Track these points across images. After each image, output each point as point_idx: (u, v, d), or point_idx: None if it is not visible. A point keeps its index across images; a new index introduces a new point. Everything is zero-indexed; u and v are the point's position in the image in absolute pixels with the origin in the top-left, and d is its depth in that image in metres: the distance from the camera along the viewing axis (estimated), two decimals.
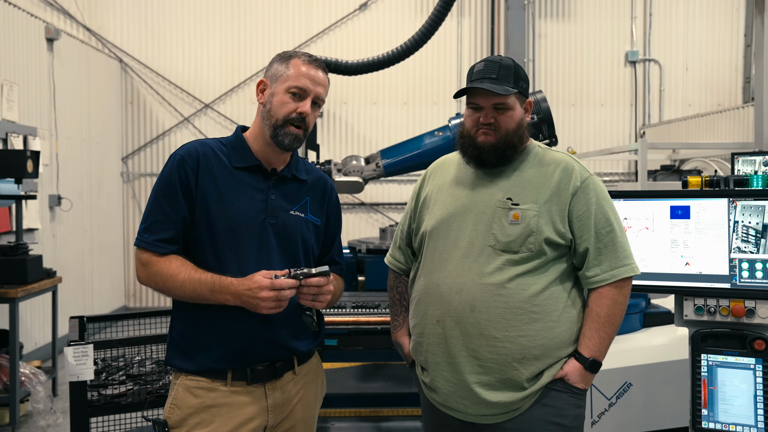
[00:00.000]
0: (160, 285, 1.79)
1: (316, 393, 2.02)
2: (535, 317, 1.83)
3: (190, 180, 1.80)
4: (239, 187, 1.84)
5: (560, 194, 1.88)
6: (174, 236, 1.80)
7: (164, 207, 1.80)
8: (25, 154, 4.37)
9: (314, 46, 8.33)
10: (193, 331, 1.84)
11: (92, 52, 7.29)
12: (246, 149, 1.89)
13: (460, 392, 1.87)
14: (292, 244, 1.89)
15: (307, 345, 1.96)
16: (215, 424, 1.80)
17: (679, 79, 8.91)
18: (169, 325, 1.91)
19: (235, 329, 1.80)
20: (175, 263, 1.77)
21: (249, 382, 1.83)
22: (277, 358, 1.87)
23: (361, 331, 3.16)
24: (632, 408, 2.87)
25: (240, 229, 1.81)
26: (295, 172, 1.94)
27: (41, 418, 4.30)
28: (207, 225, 1.80)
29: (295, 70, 1.84)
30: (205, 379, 1.82)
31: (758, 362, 2.18)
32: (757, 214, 2.19)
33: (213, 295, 1.74)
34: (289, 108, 1.83)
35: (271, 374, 1.86)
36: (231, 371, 1.82)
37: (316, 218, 1.97)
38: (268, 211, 1.85)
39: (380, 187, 8.39)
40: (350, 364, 5.11)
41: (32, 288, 4.36)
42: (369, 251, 3.94)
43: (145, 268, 1.80)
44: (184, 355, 1.84)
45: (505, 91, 1.87)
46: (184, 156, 1.82)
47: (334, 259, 2.07)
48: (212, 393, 1.81)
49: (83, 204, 6.80)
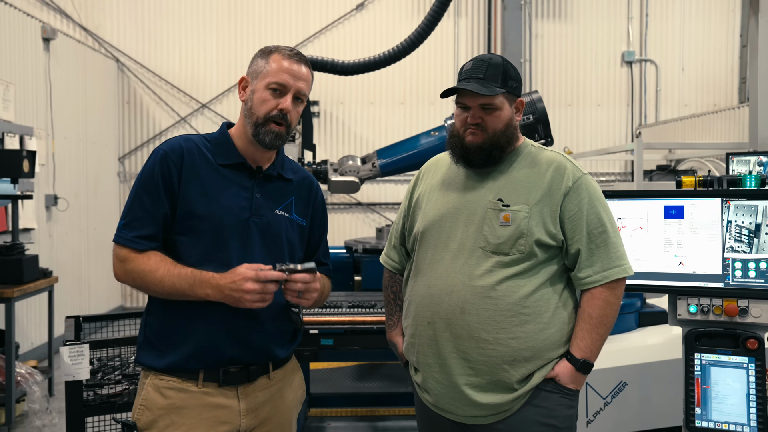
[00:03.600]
0: (138, 282, 1.73)
1: (294, 398, 1.96)
2: (525, 319, 1.81)
3: (173, 176, 1.74)
4: (224, 184, 1.79)
5: (552, 194, 1.86)
6: (154, 233, 1.74)
7: (145, 203, 1.74)
8: (21, 154, 4.37)
9: (311, 46, 8.33)
10: (166, 328, 1.77)
11: (89, 52, 7.28)
12: (231, 146, 1.83)
13: (450, 393, 1.86)
14: (277, 244, 1.83)
15: (285, 350, 1.89)
16: (185, 427, 1.73)
17: (675, 80, 8.93)
18: (142, 321, 1.84)
19: (210, 327, 1.73)
20: (154, 259, 1.71)
21: (221, 384, 1.76)
22: (252, 362, 1.80)
23: (357, 330, 3.16)
24: (627, 407, 2.88)
25: (223, 227, 1.75)
26: (280, 171, 1.89)
27: (37, 418, 4.30)
28: (190, 222, 1.75)
29: (275, 65, 1.77)
30: (176, 379, 1.75)
31: (751, 361, 2.19)
32: (750, 214, 2.20)
33: (193, 289, 1.68)
34: (269, 105, 1.77)
35: (245, 377, 1.79)
36: (203, 371, 1.75)
37: (301, 218, 1.92)
38: (252, 209, 1.80)
39: (376, 187, 8.39)
40: (346, 363, 5.11)
41: (28, 288, 4.36)
42: (365, 251, 3.94)
43: (122, 264, 1.73)
44: (154, 353, 1.77)
45: (490, 92, 1.83)
46: (168, 151, 1.76)
47: (320, 261, 2.01)
48: (182, 394, 1.74)
49: (80, 204, 6.79)
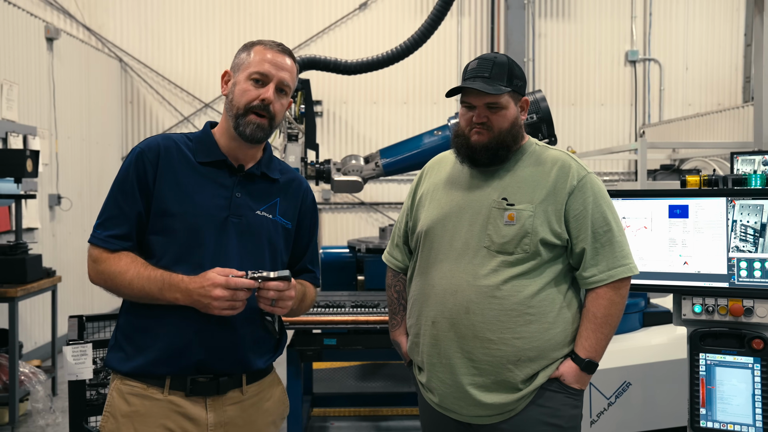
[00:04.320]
0: (108, 284, 1.67)
1: (274, 413, 1.84)
2: (530, 319, 1.80)
3: (148, 174, 1.69)
4: (201, 182, 1.72)
5: (557, 193, 1.85)
6: (127, 232, 1.68)
7: (119, 202, 1.69)
8: (24, 154, 4.37)
9: (314, 45, 8.33)
10: (135, 329, 1.69)
11: (92, 52, 7.29)
12: (212, 144, 1.78)
13: (455, 393, 1.86)
14: (257, 246, 1.75)
15: (263, 362, 1.78)
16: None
17: (679, 79, 8.91)
18: (116, 323, 1.77)
19: (179, 330, 1.65)
20: (125, 260, 1.65)
21: (188, 393, 1.66)
22: (223, 371, 1.70)
23: (360, 330, 3.16)
24: (631, 407, 2.87)
25: (199, 226, 1.68)
26: (266, 171, 1.81)
27: (40, 417, 4.30)
28: (164, 221, 1.68)
29: (257, 56, 1.73)
30: (140, 384, 1.67)
31: (756, 361, 2.18)
32: (756, 213, 2.18)
33: (162, 293, 1.61)
34: (250, 95, 1.71)
35: (213, 389, 1.69)
36: (170, 378, 1.66)
37: (287, 221, 1.82)
38: (231, 208, 1.72)
39: (380, 186, 8.38)
40: (349, 363, 5.11)
41: (32, 287, 4.36)
42: (368, 251, 3.94)
43: (95, 264, 1.68)
44: (122, 355, 1.69)
45: (496, 91, 1.82)
46: (144, 149, 1.72)
47: (306, 267, 1.92)
48: (146, 401, 1.66)
49: (83, 203, 6.80)
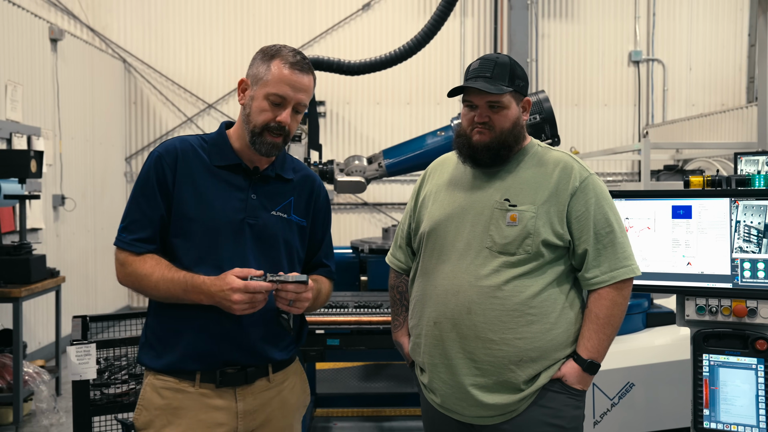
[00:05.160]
0: (135, 285, 1.75)
1: (296, 402, 1.93)
2: (532, 319, 1.81)
3: (167, 177, 1.75)
4: (218, 185, 1.78)
5: (559, 195, 1.86)
6: (151, 235, 1.75)
7: (142, 206, 1.76)
8: (28, 154, 4.39)
9: (317, 46, 8.33)
10: (164, 329, 1.78)
11: (96, 53, 7.31)
12: (227, 147, 1.82)
13: (457, 394, 1.86)
14: (273, 246, 1.81)
15: (286, 353, 1.88)
16: (182, 428, 1.73)
17: (683, 79, 8.89)
18: (144, 322, 1.86)
19: (206, 329, 1.74)
20: (150, 262, 1.72)
21: (218, 384, 1.76)
22: (250, 364, 1.79)
23: (363, 330, 3.15)
24: (634, 408, 2.87)
25: (217, 229, 1.75)
26: (279, 171, 1.86)
27: (44, 417, 4.32)
28: (184, 224, 1.75)
29: (275, 74, 1.73)
30: (173, 379, 1.76)
31: (760, 362, 2.17)
32: (759, 214, 2.18)
33: (187, 294, 1.68)
34: (267, 116, 1.74)
35: (242, 379, 1.78)
36: (200, 372, 1.75)
37: (301, 219, 1.89)
38: (247, 211, 1.78)
39: (383, 187, 8.39)
40: (352, 363, 5.11)
41: (36, 287, 4.37)
42: (371, 251, 3.94)
43: (122, 267, 1.76)
44: (153, 353, 1.79)
45: (498, 90, 1.83)
46: (162, 153, 1.77)
47: (321, 261, 1.99)
48: (179, 394, 1.75)
49: (87, 204, 6.82)
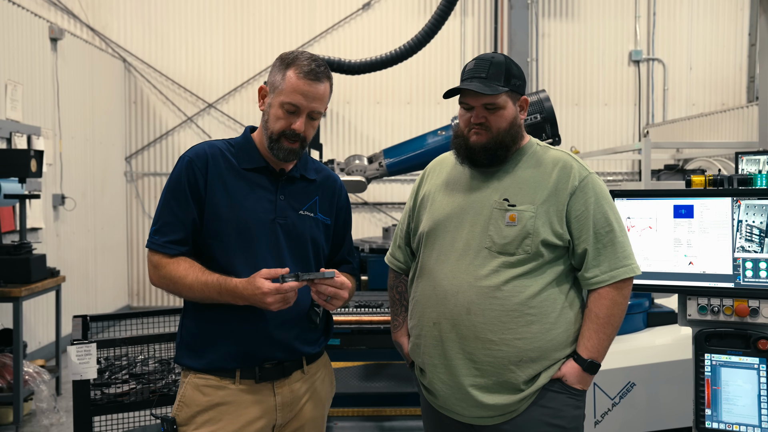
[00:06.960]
0: (170, 287, 1.82)
1: (326, 392, 2.02)
2: (531, 320, 1.80)
3: (198, 181, 1.82)
4: (248, 187, 1.85)
5: (558, 194, 1.85)
6: (183, 237, 1.82)
7: (173, 209, 1.82)
8: (28, 154, 4.38)
9: (317, 45, 8.33)
10: (202, 330, 1.85)
11: (96, 52, 7.30)
12: (254, 150, 1.90)
13: (456, 394, 1.86)
14: (302, 244, 1.89)
15: (317, 346, 1.96)
16: (223, 422, 1.81)
17: (683, 79, 8.88)
18: (179, 323, 1.94)
19: (243, 329, 1.82)
20: (183, 265, 1.79)
21: (257, 380, 1.84)
22: (286, 358, 1.88)
23: (364, 330, 3.15)
24: (635, 408, 2.86)
25: (250, 230, 1.82)
26: (303, 172, 1.94)
27: (45, 417, 4.31)
28: (216, 226, 1.82)
29: (289, 83, 1.79)
30: (214, 378, 1.83)
31: (762, 362, 2.17)
32: (761, 214, 2.18)
33: (221, 297, 1.75)
34: (282, 124, 1.81)
35: (280, 373, 1.87)
36: (239, 370, 1.83)
37: (326, 217, 1.97)
38: (277, 211, 1.86)
39: (383, 186, 8.38)
40: (353, 363, 5.10)
41: (36, 287, 4.37)
42: (372, 251, 3.94)
43: (156, 270, 1.82)
44: (193, 354, 1.86)
45: (492, 91, 1.82)
46: (193, 158, 1.84)
47: (345, 258, 2.07)
48: (221, 391, 1.83)
49: (87, 203, 6.81)
